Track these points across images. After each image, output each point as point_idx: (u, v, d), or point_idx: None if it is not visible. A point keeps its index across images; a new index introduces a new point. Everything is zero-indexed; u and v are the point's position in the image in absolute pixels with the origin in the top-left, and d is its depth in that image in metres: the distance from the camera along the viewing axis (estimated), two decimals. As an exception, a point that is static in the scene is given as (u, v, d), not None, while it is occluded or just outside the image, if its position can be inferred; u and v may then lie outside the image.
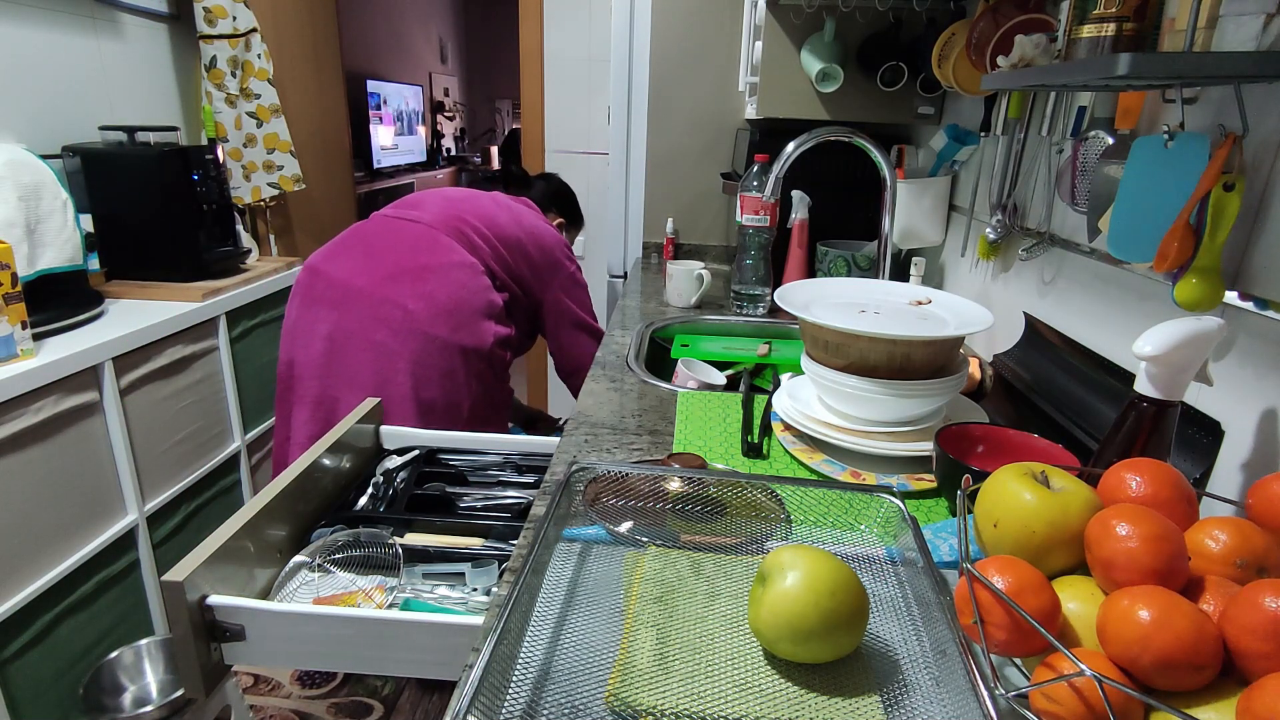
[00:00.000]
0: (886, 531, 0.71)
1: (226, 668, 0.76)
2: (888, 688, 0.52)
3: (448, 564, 0.87)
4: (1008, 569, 0.49)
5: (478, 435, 1.14)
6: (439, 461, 1.09)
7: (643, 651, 0.53)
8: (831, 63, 1.41)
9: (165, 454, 1.60)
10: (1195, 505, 0.53)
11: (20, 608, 1.25)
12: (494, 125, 7.18)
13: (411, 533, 0.92)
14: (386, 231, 1.40)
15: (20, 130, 1.62)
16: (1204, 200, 0.63)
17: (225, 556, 0.76)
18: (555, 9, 2.56)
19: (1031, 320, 1.07)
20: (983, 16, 1.07)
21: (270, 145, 2.19)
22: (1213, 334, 0.59)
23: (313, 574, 0.85)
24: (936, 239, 1.49)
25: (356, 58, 4.63)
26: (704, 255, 2.12)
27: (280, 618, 0.73)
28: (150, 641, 1.49)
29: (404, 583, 0.85)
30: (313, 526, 0.92)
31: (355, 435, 1.07)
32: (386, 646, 0.73)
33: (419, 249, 1.36)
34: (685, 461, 0.80)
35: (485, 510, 0.98)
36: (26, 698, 1.28)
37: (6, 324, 1.24)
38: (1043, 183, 1.07)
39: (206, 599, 0.72)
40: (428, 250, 1.36)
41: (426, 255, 1.36)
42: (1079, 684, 0.43)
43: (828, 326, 0.82)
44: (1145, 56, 0.57)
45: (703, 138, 2.03)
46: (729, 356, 1.34)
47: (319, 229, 2.60)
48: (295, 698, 1.59)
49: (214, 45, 2.00)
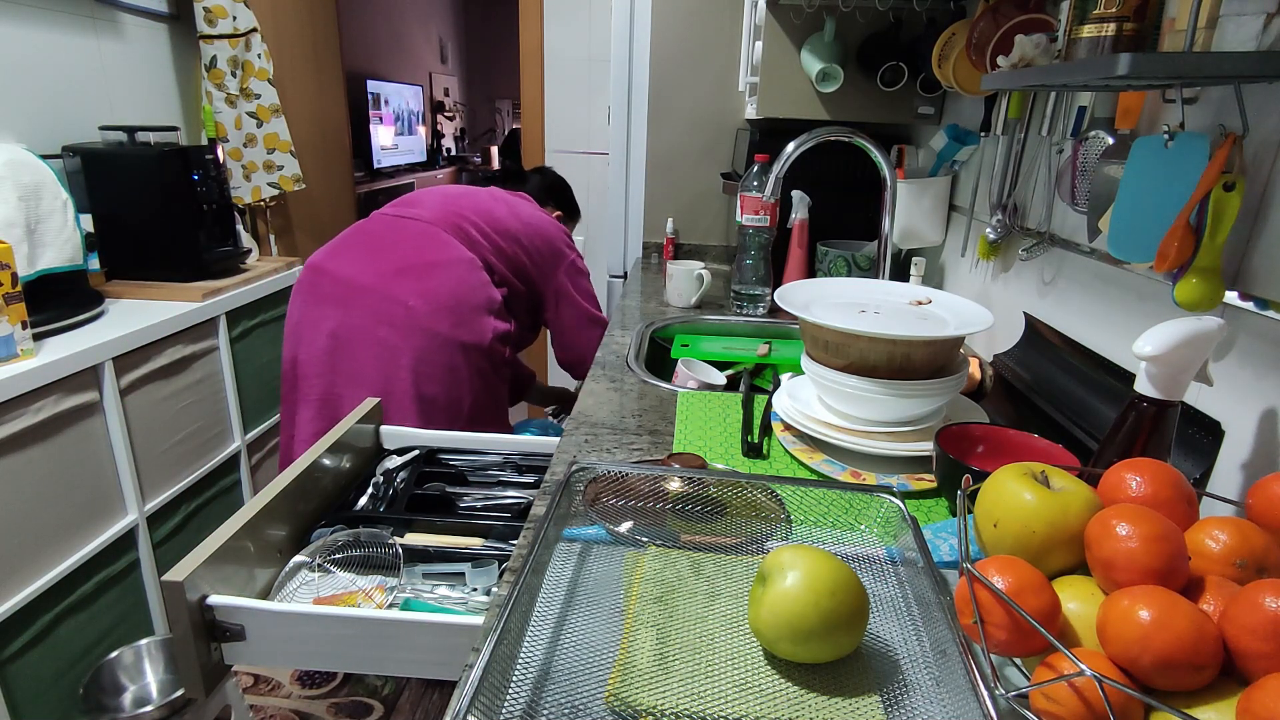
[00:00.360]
0: (886, 531, 0.71)
1: (226, 668, 0.76)
2: (888, 688, 0.52)
3: (448, 564, 0.87)
4: (1008, 569, 0.49)
5: (478, 435, 1.14)
6: (439, 461, 1.09)
7: (643, 651, 0.53)
8: (831, 63, 1.41)
9: (165, 454, 1.60)
10: (1195, 505, 0.53)
11: (20, 608, 1.25)
12: (494, 125, 7.18)
13: (411, 533, 0.92)
14: (388, 229, 1.41)
15: (20, 130, 1.62)
16: (1204, 200, 0.63)
17: (225, 556, 0.76)
18: (555, 9, 2.56)
19: (1031, 320, 1.07)
20: (983, 16, 1.07)
21: (270, 145, 2.19)
22: (1213, 334, 0.59)
23: (313, 574, 0.85)
24: (936, 239, 1.49)
25: (356, 58, 4.63)
26: (704, 255, 2.12)
27: (280, 618, 0.73)
28: (150, 641, 1.49)
29: (404, 583, 0.85)
30: (313, 526, 0.92)
31: (355, 435, 1.07)
32: (386, 646, 0.73)
33: (421, 246, 1.37)
34: (685, 461, 0.80)
35: (485, 510, 0.98)
36: (26, 698, 1.28)
37: (6, 324, 1.24)
38: (1043, 183, 1.07)
39: (206, 599, 0.72)
40: (429, 247, 1.37)
41: (427, 252, 1.36)
42: (1079, 684, 0.43)
43: (828, 326, 0.82)
44: (1145, 56, 0.57)
45: (703, 138, 2.03)
46: (729, 356, 1.34)
47: (319, 229, 2.60)
48: (295, 698, 1.59)
49: (214, 45, 2.00)
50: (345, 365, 1.32)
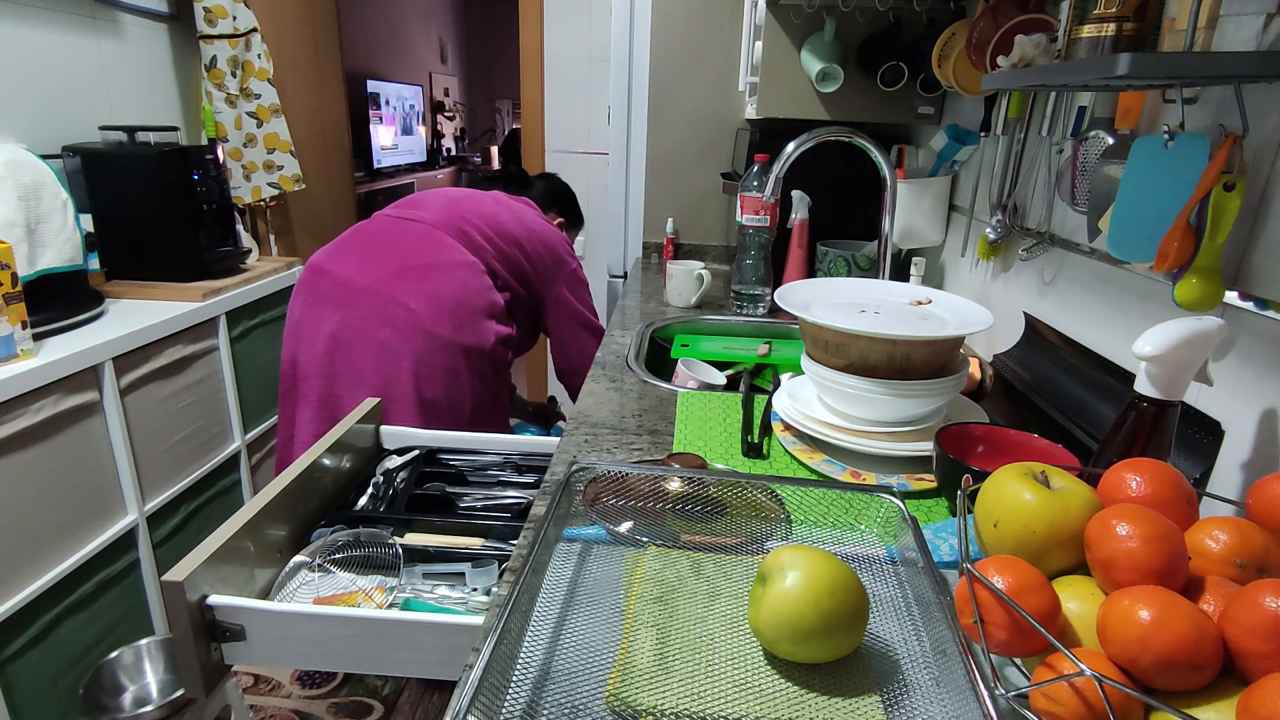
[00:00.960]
0: (886, 531, 0.71)
1: (226, 668, 0.76)
2: (888, 688, 0.52)
3: (448, 564, 0.87)
4: (1008, 569, 0.49)
5: (478, 435, 1.14)
6: (439, 461, 1.09)
7: (643, 651, 0.53)
8: (831, 63, 1.41)
9: (165, 454, 1.60)
10: (1195, 505, 0.53)
11: (20, 608, 1.25)
12: (494, 125, 7.18)
13: (411, 533, 0.92)
14: (390, 231, 1.40)
15: (20, 130, 1.62)
16: (1204, 200, 0.63)
17: (225, 556, 0.76)
18: (555, 9, 2.56)
19: (1031, 320, 1.07)
20: (983, 16, 1.07)
21: (270, 145, 2.19)
22: (1213, 334, 0.59)
23: (313, 574, 0.85)
24: (936, 239, 1.49)
25: (356, 58, 4.63)
26: (704, 255, 2.12)
27: (280, 618, 0.73)
28: (150, 641, 1.49)
29: (404, 583, 0.85)
30: (313, 526, 0.92)
31: (355, 435, 1.07)
32: (387, 646, 0.73)
33: (423, 248, 1.36)
34: (685, 461, 0.80)
35: (485, 510, 0.98)
36: (26, 698, 1.28)
37: (6, 324, 1.24)
38: (1043, 183, 1.07)
39: (206, 599, 0.72)
40: (431, 249, 1.36)
41: (430, 254, 1.36)
42: (1079, 684, 0.43)
43: (828, 326, 0.82)
44: (1145, 56, 0.57)
45: (703, 138, 2.03)
46: (729, 356, 1.34)
47: (319, 229, 2.60)
48: (295, 698, 1.59)
49: (214, 45, 2.00)
50: (345, 366, 1.32)
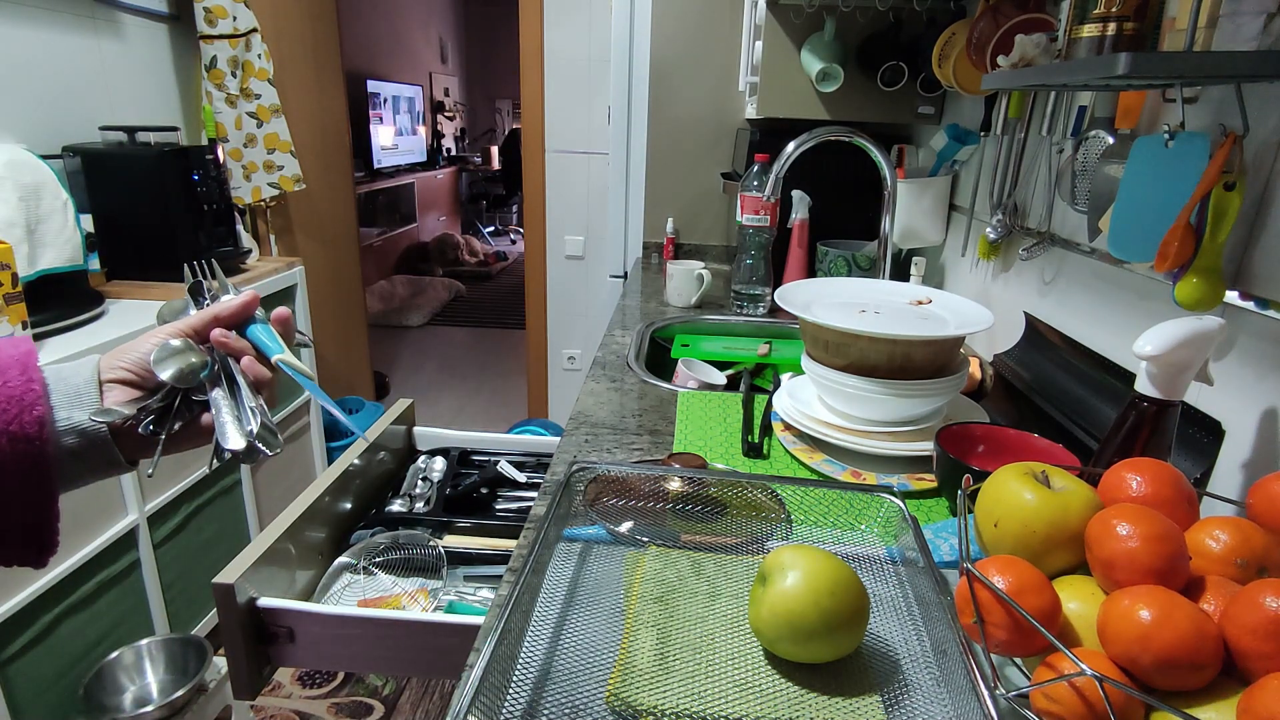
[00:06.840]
0: (887, 531, 0.71)
1: (274, 670, 0.76)
2: (888, 688, 0.52)
3: (488, 566, 0.87)
4: (1008, 569, 0.49)
5: (508, 437, 1.15)
6: (471, 462, 1.09)
7: (643, 651, 0.53)
8: (832, 63, 1.41)
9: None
10: (1196, 505, 0.53)
11: (20, 608, 1.25)
12: (494, 125, 7.18)
13: (450, 534, 0.92)
14: None
15: (20, 130, 1.62)
16: (1204, 200, 0.63)
17: (270, 559, 0.75)
18: (555, 9, 2.56)
19: (1032, 320, 1.07)
20: (983, 16, 1.07)
21: (270, 145, 2.19)
22: (1213, 334, 0.59)
23: (357, 576, 0.85)
24: (936, 239, 1.49)
25: (356, 58, 4.63)
26: (704, 255, 2.12)
27: (330, 620, 0.73)
28: (150, 641, 1.49)
29: (446, 585, 0.85)
30: (351, 528, 0.92)
31: (389, 436, 1.06)
32: (434, 649, 0.72)
33: None
34: (685, 461, 0.80)
35: (520, 512, 0.98)
36: (27, 698, 1.28)
37: (7, 324, 1.24)
38: (1043, 182, 1.07)
39: (256, 601, 0.72)
40: None
41: None
42: (1079, 684, 0.42)
43: (828, 326, 0.81)
44: (1145, 56, 0.57)
45: (703, 138, 2.03)
46: (729, 356, 1.34)
47: (319, 229, 2.60)
48: (296, 698, 1.59)
49: (214, 45, 2.00)
50: None
